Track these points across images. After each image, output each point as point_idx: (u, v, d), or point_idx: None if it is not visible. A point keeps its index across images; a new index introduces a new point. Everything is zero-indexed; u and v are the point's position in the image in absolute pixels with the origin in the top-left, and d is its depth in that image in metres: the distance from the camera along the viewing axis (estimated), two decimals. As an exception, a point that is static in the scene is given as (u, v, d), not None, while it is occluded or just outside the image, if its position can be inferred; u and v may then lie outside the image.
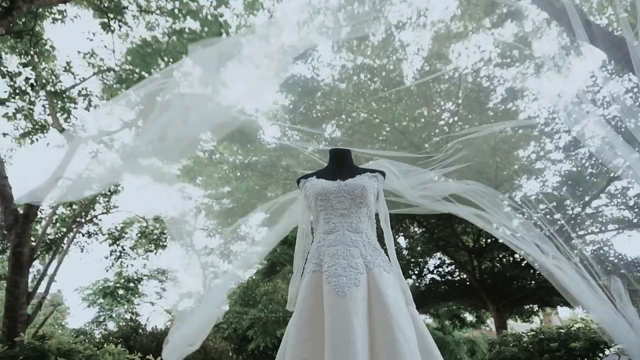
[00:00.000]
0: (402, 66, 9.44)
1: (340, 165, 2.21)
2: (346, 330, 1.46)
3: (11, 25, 4.31)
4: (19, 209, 6.74)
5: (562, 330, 4.86)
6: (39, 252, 7.97)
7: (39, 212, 7.79)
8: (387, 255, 1.94)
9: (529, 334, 5.29)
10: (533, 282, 9.74)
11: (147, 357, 3.20)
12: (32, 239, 7.36)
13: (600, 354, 4.43)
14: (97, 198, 9.86)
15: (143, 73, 7.55)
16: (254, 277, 14.63)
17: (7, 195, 6.64)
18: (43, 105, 7.73)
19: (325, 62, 10.40)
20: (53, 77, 7.57)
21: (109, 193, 10.12)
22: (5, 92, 6.66)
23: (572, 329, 4.80)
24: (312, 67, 9.85)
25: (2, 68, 6.47)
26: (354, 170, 2.20)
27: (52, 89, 7.48)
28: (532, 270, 9.10)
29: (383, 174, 2.25)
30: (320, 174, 2.15)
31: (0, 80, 6.83)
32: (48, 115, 7.97)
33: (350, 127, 9.34)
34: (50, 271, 8.96)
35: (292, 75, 10.13)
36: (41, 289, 8.28)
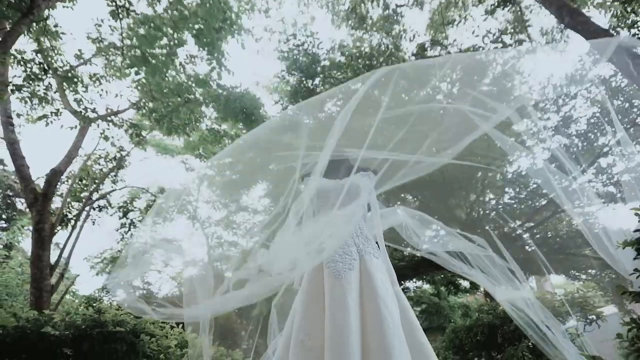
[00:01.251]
0: (401, 43, 9.60)
1: (338, 164, 2.60)
2: (342, 307, 1.82)
3: (31, 23, 4.52)
4: (37, 188, 7.11)
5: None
6: (58, 227, 8.39)
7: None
8: (377, 243, 2.35)
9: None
10: (522, 254, 10.19)
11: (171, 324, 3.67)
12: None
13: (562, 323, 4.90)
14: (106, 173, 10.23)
15: (147, 50, 7.74)
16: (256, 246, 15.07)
17: (26, 175, 6.98)
18: (49, 83, 7.92)
19: (325, 48, 10.49)
20: (62, 59, 7.73)
21: (116, 168, 10.48)
22: (19, 77, 6.88)
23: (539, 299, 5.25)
24: (312, 53, 9.99)
25: (16, 54, 6.65)
26: (350, 169, 2.60)
27: (62, 72, 7.67)
28: (520, 242, 9.56)
29: (375, 172, 2.64)
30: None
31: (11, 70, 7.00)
32: (55, 92, 8.18)
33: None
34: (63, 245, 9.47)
35: (291, 49, 10.30)
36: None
